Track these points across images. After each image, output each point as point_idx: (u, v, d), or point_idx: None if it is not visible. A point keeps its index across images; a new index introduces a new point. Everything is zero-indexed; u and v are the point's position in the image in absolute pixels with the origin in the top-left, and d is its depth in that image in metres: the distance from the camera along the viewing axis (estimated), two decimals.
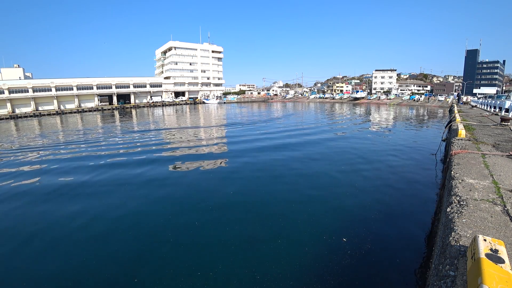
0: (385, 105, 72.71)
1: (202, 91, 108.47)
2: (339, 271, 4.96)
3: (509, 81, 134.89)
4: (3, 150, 19.14)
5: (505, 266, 1.97)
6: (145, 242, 6.21)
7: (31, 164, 14.14)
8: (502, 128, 12.02)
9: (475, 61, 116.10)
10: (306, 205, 7.96)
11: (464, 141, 8.64)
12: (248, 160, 13.37)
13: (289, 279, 4.84)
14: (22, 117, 61.68)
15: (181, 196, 8.98)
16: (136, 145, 18.48)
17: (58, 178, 11.33)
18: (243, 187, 9.59)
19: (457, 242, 2.99)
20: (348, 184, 9.66)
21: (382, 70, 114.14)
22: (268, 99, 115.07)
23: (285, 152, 14.92)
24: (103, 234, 6.66)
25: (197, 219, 7.18)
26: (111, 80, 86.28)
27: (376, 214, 7.20)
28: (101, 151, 16.86)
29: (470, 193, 4.25)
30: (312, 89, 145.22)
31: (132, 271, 5.23)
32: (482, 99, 36.01)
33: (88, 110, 74.78)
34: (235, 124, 30.91)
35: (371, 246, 5.73)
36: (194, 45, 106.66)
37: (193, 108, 71.08)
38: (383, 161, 12.86)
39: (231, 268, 5.20)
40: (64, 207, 8.31)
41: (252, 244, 6.04)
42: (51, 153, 16.90)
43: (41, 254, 5.91)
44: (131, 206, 8.22)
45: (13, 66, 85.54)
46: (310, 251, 5.64)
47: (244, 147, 16.76)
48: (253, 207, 7.91)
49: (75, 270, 5.32)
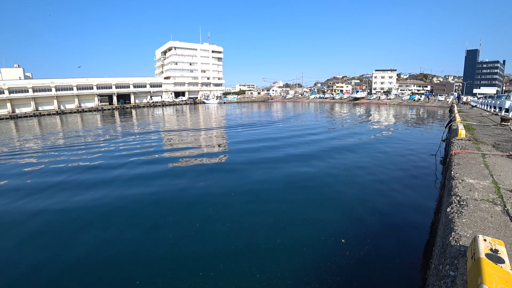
0: (385, 105, 72.72)
1: (202, 91, 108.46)
2: (338, 271, 4.96)
3: (509, 81, 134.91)
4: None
5: (505, 266, 1.97)
6: (145, 242, 6.21)
7: (24, 166, 14.14)
8: (502, 128, 12.02)
9: (475, 61, 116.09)
10: (305, 205, 7.95)
11: (464, 141, 8.64)
12: (247, 160, 13.36)
13: (288, 279, 4.84)
14: (22, 117, 61.69)
15: (181, 196, 8.97)
16: (136, 147, 18.48)
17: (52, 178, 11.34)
18: (242, 188, 9.58)
19: (457, 242, 2.99)
20: (347, 185, 9.65)
21: (382, 70, 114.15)
22: (268, 99, 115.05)
23: (284, 152, 14.91)
24: (100, 234, 6.65)
25: (197, 220, 7.18)
26: (111, 80, 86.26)
27: (376, 214, 7.20)
28: (96, 154, 16.86)
29: (470, 193, 4.25)
30: (312, 89, 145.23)
31: (132, 271, 5.23)
32: (482, 99, 36.00)
33: (88, 110, 74.77)
34: (235, 126, 30.89)
35: (371, 246, 5.72)
36: (194, 45, 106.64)
37: (193, 108, 71.07)
38: (383, 161, 12.86)
39: (231, 268, 5.20)
40: (62, 204, 8.32)
41: (252, 244, 6.03)
42: (46, 155, 16.89)
43: (37, 250, 5.91)
44: (131, 206, 8.22)
45: (13, 66, 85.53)
46: (309, 252, 5.64)
47: (244, 147, 16.76)
48: (253, 208, 7.90)
49: (76, 271, 5.32)
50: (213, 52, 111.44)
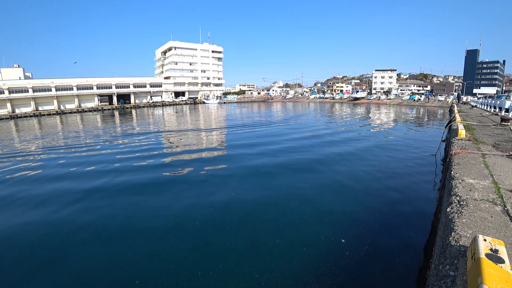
0: (385, 105, 72.71)
1: (202, 91, 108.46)
2: (338, 271, 4.96)
3: (509, 81, 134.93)
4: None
5: (505, 266, 1.97)
6: (145, 243, 6.21)
7: (22, 170, 14.14)
8: (502, 128, 12.02)
9: (475, 61, 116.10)
10: (305, 205, 7.95)
11: (464, 141, 8.64)
12: (248, 162, 13.36)
13: (288, 279, 4.84)
14: (22, 117, 61.69)
15: (181, 196, 8.97)
16: (135, 150, 18.49)
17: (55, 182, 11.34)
18: (243, 188, 9.58)
19: (457, 242, 2.99)
20: (348, 185, 9.64)
21: (382, 70, 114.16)
22: (268, 99, 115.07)
23: (284, 154, 14.92)
24: (101, 237, 6.65)
25: (198, 220, 7.18)
26: (111, 80, 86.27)
27: (376, 215, 7.20)
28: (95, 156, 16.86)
29: (470, 193, 4.25)
30: (312, 89, 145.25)
31: (132, 272, 5.23)
32: (482, 99, 36.00)
33: (88, 110, 74.77)
34: (236, 126, 30.90)
35: (371, 246, 5.72)
36: (194, 45, 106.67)
37: (193, 108, 71.06)
38: (383, 161, 12.86)
39: (231, 268, 5.20)
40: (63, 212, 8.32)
41: (252, 244, 6.03)
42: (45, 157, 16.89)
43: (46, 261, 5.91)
44: (130, 207, 8.22)
45: (13, 66, 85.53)
46: (309, 252, 5.64)
47: (244, 149, 16.76)
48: (253, 208, 7.90)
49: (75, 272, 5.32)
50: (213, 52, 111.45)
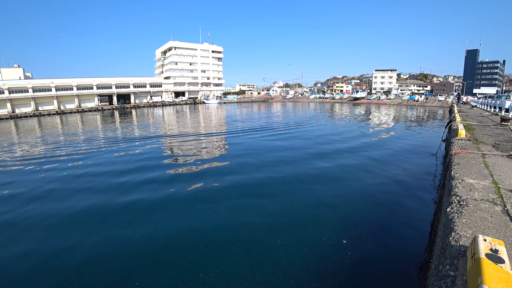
0: (385, 105, 72.70)
1: (202, 91, 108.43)
2: (339, 271, 4.97)
3: (509, 81, 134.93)
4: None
5: (505, 266, 1.97)
6: (145, 243, 6.21)
7: (20, 175, 14.15)
8: (502, 128, 12.03)
9: (475, 61, 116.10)
10: (305, 206, 7.95)
11: (464, 141, 8.65)
12: (249, 161, 13.37)
13: (290, 280, 4.84)
14: (22, 117, 61.67)
15: (180, 196, 8.98)
16: (132, 159, 18.49)
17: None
18: (243, 188, 9.58)
19: (457, 242, 3.00)
20: (348, 185, 9.65)
21: (382, 70, 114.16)
22: (268, 99, 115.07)
23: (285, 153, 14.92)
24: (101, 235, 6.66)
25: (198, 220, 7.18)
26: (111, 80, 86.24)
27: (376, 215, 7.21)
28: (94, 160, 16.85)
29: (470, 193, 4.26)
30: (312, 89, 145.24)
31: (133, 272, 5.23)
32: (482, 99, 36.01)
33: (88, 110, 74.76)
34: (235, 128, 30.90)
35: (371, 246, 5.73)
36: (194, 45, 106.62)
37: (193, 108, 71.04)
38: (383, 161, 12.86)
39: (232, 268, 5.21)
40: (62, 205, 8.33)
41: (252, 244, 6.04)
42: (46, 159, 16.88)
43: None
44: (130, 207, 8.23)
45: (13, 66, 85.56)
46: (310, 252, 5.64)
47: (244, 147, 16.77)
48: (253, 208, 7.91)
49: (75, 271, 5.33)
50: (213, 52, 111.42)
